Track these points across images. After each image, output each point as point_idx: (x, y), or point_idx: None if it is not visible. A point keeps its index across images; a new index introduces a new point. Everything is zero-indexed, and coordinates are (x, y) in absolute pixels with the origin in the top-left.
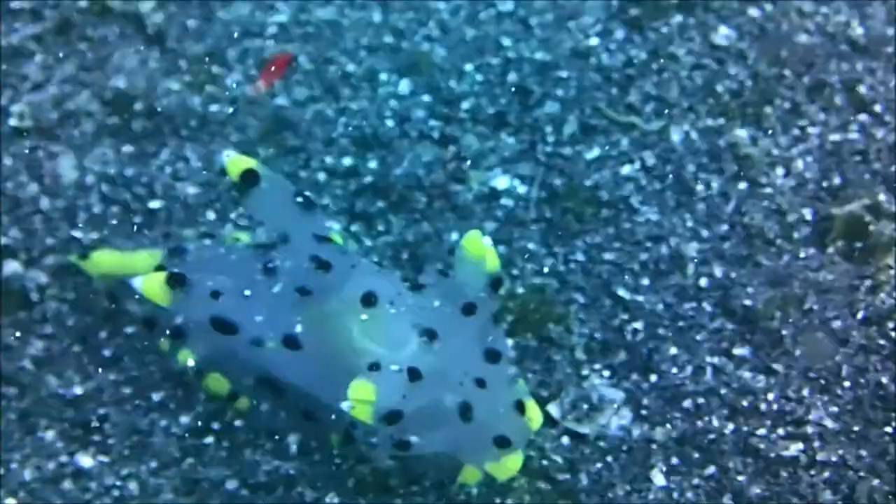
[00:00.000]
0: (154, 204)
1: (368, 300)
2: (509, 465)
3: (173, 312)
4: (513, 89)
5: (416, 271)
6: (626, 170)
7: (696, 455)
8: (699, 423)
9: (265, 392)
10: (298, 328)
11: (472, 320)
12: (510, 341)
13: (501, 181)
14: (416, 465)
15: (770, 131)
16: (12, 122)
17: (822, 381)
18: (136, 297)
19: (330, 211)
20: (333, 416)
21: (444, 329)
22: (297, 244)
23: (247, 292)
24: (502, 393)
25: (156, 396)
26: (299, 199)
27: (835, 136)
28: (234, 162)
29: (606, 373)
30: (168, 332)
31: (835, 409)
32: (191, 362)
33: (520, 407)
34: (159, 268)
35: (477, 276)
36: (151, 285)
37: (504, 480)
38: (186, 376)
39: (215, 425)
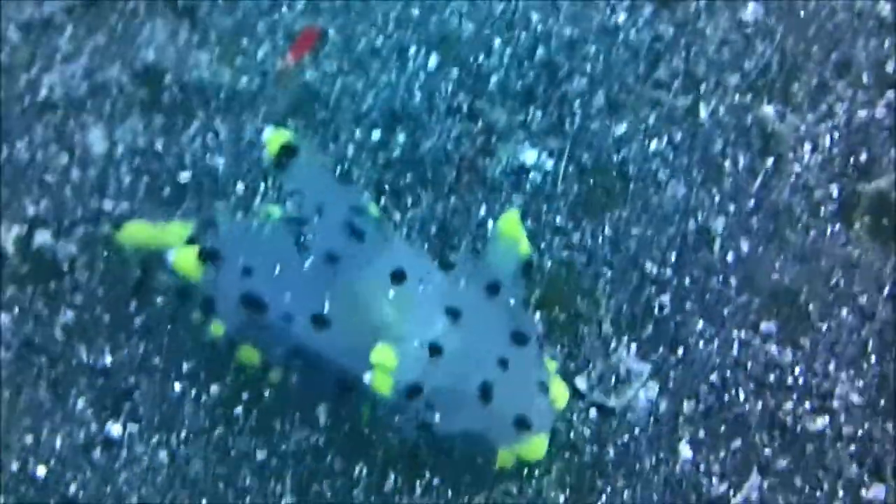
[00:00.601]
0: (183, 176)
1: (397, 277)
2: (534, 447)
3: (204, 287)
4: (541, 64)
5: (444, 244)
6: (653, 145)
7: (723, 428)
8: (726, 397)
9: (297, 363)
10: (327, 306)
11: (497, 301)
12: (538, 314)
13: (530, 155)
14: (449, 446)
15: (797, 108)
16: (43, 93)
17: (849, 356)
18: (169, 268)
19: (359, 184)
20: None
21: (469, 309)
22: (331, 215)
23: (277, 269)
24: (526, 375)
25: (185, 366)
26: (337, 171)
27: (862, 113)
28: (274, 136)
29: (634, 346)
30: (200, 303)
31: (861, 383)
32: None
33: (543, 388)
34: (191, 240)
35: (508, 257)
36: (184, 259)
37: (533, 461)
38: (218, 347)
39: (245, 395)
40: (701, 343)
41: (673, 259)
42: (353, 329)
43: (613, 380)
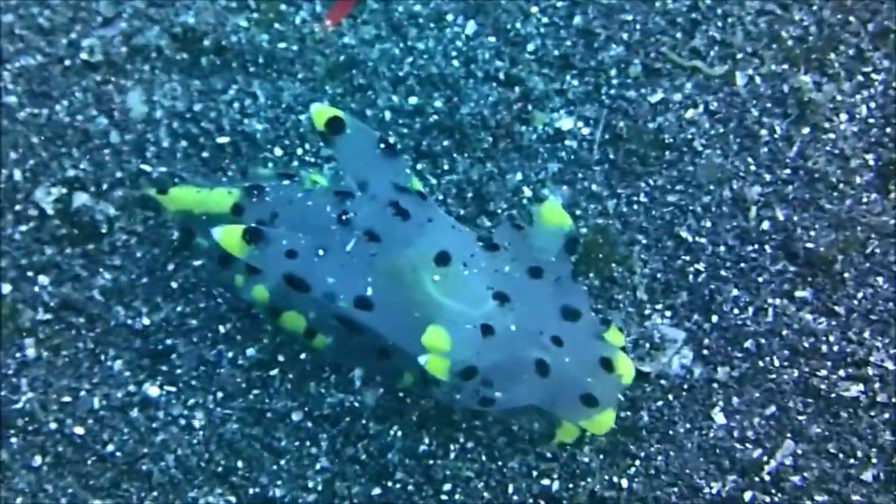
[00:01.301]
0: (222, 139)
1: (442, 259)
2: (603, 421)
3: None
4: (578, 32)
5: (480, 210)
6: (689, 113)
7: (757, 395)
8: (760, 364)
9: (341, 330)
10: (369, 290)
11: (541, 281)
12: None
13: (566, 122)
14: (512, 419)
15: (834, 77)
16: (83, 56)
17: (884, 324)
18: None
19: (402, 160)
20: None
21: (516, 292)
22: (376, 190)
23: (320, 252)
24: (584, 349)
25: (222, 328)
26: (382, 146)
27: None
28: (320, 111)
29: (668, 313)
30: (244, 269)
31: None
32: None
33: (607, 364)
34: (236, 206)
35: (553, 240)
36: (229, 237)
37: (601, 435)
38: (261, 312)
39: (281, 357)
40: (735, 310)
41: (708, 226)
42: (398, 310)
43: (648, 346)
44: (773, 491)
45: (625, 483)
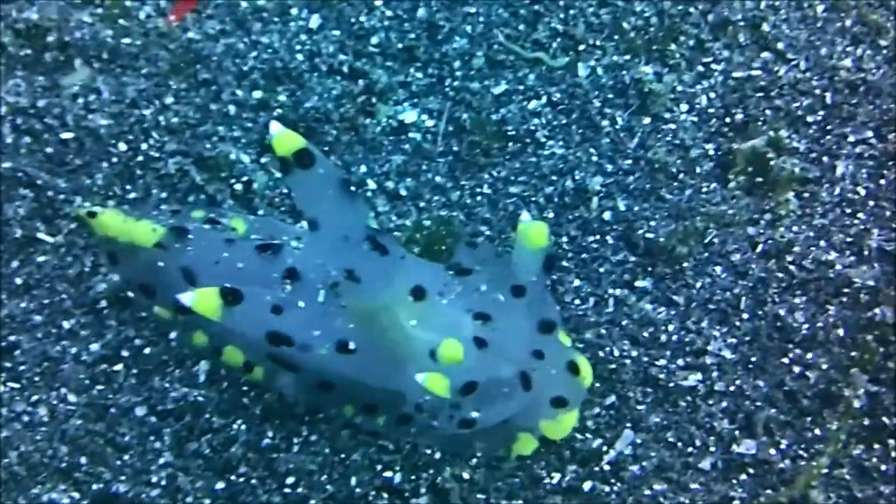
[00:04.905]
0: (66, 135)
1: (418, 294)
2: (566, 422)
3: (224, 326)
4: (422, 24)
5: None
6: (532, 105)
7: (597, 384)
8: (600, 354)
9: (279, 363)
10: (350, 340)
11: (522, 300)
12: None
13: (409, 115)
14: (468, 439)
15: (675, 68)
16: None
17: (721, 313)
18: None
19: (240, 144)
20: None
21: (497, 311)
22: (347, 231)
23: (301, 304)
24: (558, 358)
25: (66, 324)
26: (350, 188)
27: (738, 73)
28: (284, 137)
29: None
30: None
31: (733, 340)
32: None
33: (572, 367)
34: (158, 244)
35: (535, 259)
36: (205, 302)
37: (560, 439)
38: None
39: (125, 353)
40: (577, 300)
41: (550, 217)
42: (375, 351)
43: None
44: (613, 480)
45: (466, 474)
